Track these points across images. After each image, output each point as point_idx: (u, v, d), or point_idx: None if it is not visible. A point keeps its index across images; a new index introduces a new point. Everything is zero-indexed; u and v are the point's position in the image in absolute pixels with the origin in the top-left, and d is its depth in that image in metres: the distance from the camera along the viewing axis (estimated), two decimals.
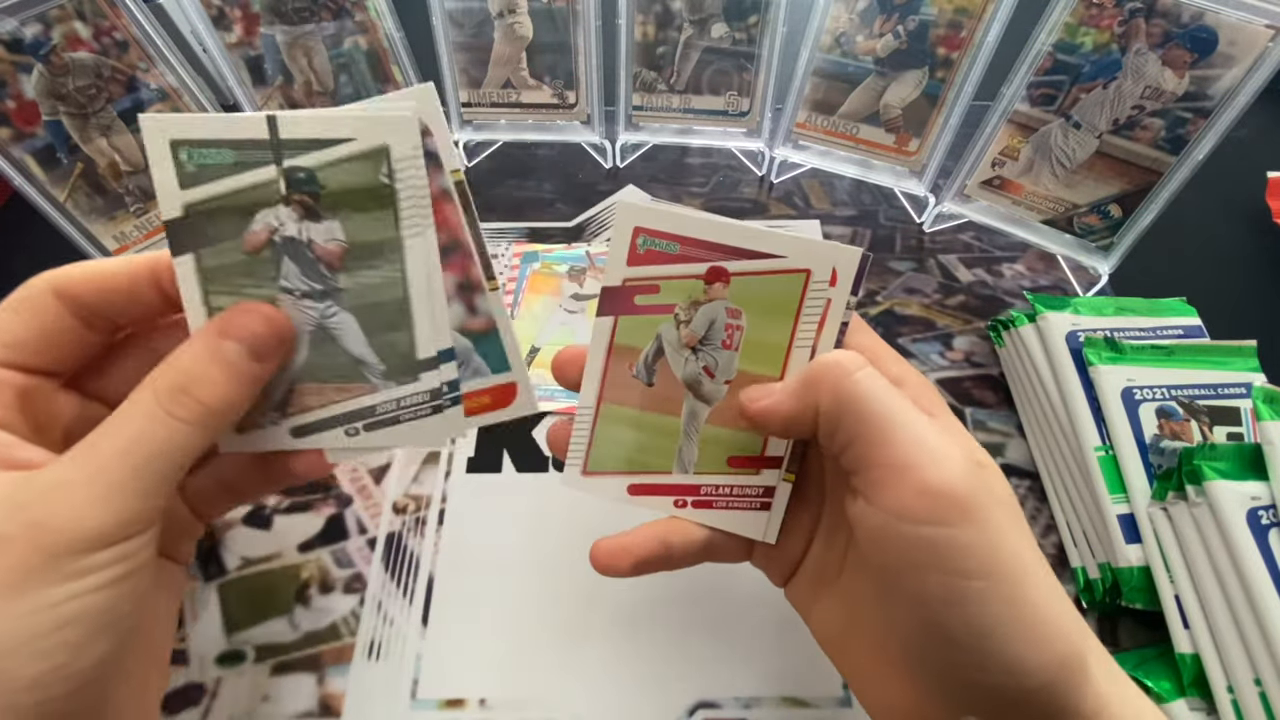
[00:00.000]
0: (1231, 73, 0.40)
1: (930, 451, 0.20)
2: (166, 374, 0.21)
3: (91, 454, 0.20)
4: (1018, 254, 0.52)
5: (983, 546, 0.19)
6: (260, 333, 0.22)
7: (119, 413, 0.20)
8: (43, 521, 0.19)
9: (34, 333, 0.22)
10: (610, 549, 0.26)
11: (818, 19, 0.49)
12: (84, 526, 0.19)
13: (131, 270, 0.23)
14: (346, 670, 0.34)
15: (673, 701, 0.34)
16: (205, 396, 0.21)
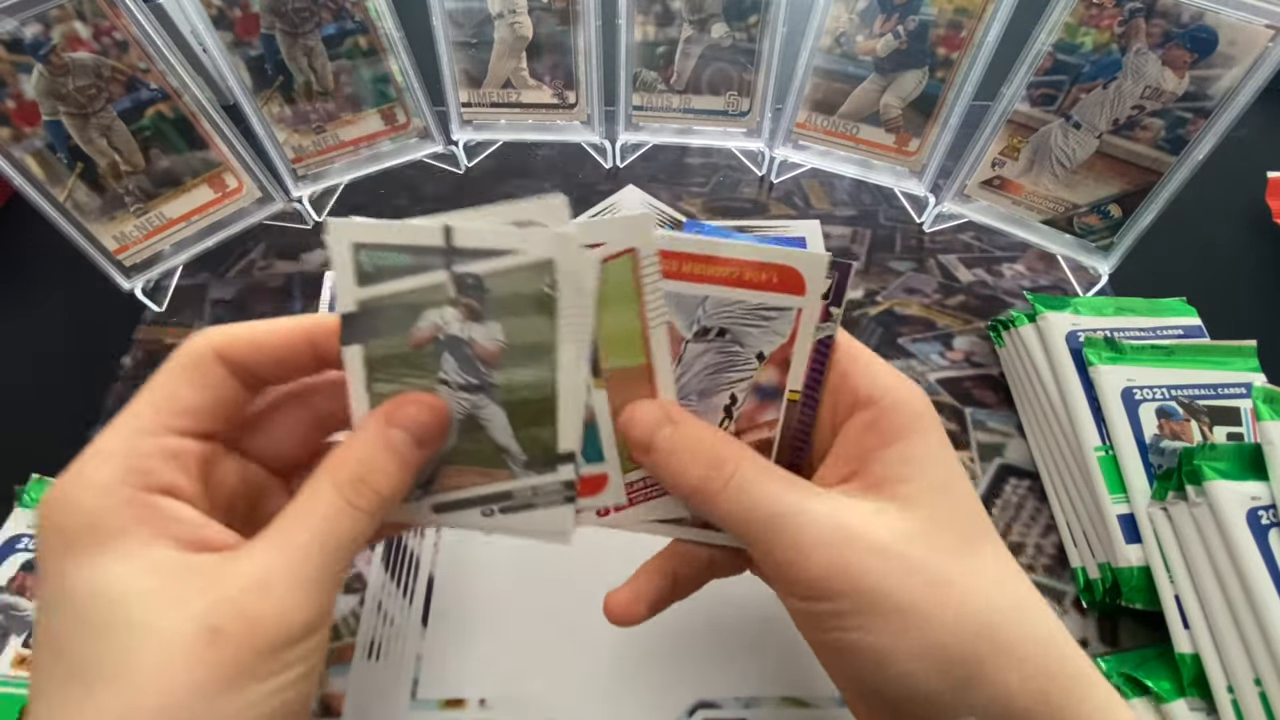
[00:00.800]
0: (1231, 73, 0.40)
1: (790, 551, 0.21)
2: (345, 464, 0.21)
3: (288, 544, 0.20)
4: (1018, 254, 0.52)
5: (860, 610, 0.20)
6: (425, 421, 0.23)
7: (304, 501, 0.21)
8: (254, 616, 0.19)
9: (206, 399, 0.22)
10: (623, 601, 0.26)
11: (818, 19, 0.49)
12: (292, 621, 0.19)
13: (290, 335, 0.23)
14: (346, 670, 0.34)
15: (673, 701, 0.34)
16: (381, 486, 0.21)
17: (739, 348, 0.24)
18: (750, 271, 0.23)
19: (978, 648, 0.20)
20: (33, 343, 0.49)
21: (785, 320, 0.24)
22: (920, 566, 0.21)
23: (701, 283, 0.23)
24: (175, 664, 0.18)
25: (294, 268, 0.52)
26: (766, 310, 0.23)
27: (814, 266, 0.23)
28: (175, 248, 0.49)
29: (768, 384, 0.24)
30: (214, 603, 0.19)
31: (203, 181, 0.48)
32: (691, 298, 0.24)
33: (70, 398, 0.45)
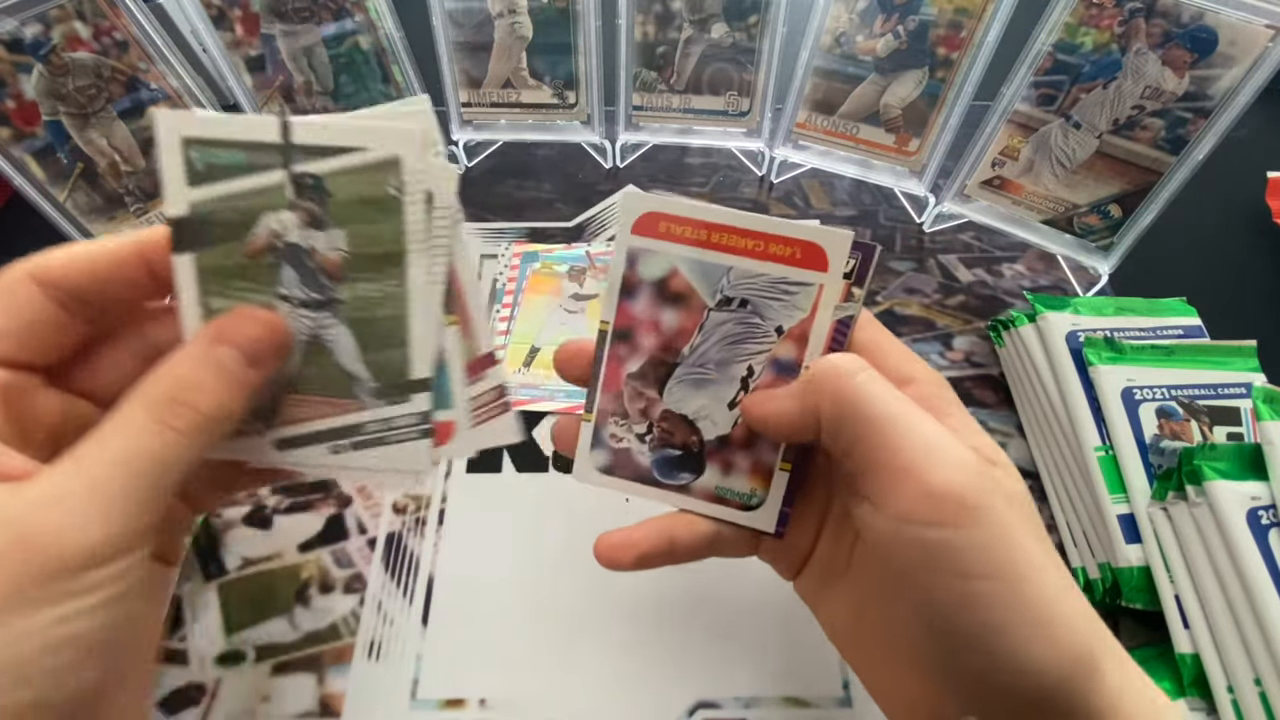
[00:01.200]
0: (1231, 73, 0.40)
1: (932, 453, 0.20)
2: (161, 381, 0.20)
3: (83, 465, 0.19)
4: (1018, 254, 0.52)
5: (990, 547, 0.19)
6: (257, 337, 0.21)
7: (111, 421, 0.19)
8: (32, 538, 0.17)
9: (16, 324, 0.21)
10: (614, 543, 0.25)
11: (818, 19, 0.49)
12: (76, 543, 0.18)
13: (117, 251, 0.21)
14: (346, 670, 0.34)
15: (673, 701, 0.34)
16: (201, 404, 0.20)
17: (759, 320, 0.24)
18: (775, 245, 0.23)
19: (1094, 639, 0.20)
20: None
21: (806, 296, 0.24)
22: (1039, 533, 0.20)
23: (727, 253, 0.24)
24: None
25: None
26: (789, 285, 0.24)
27: (837, 243, 0.23)
28: None
29: (785, 358, 0.25)
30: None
31: None
32: (716, 267, 0.24)
33: None
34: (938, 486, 0.19)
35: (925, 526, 0.20)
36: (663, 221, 0.24)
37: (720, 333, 0.25)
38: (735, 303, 0.24)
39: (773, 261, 0.24)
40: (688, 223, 0.24)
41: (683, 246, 0.24)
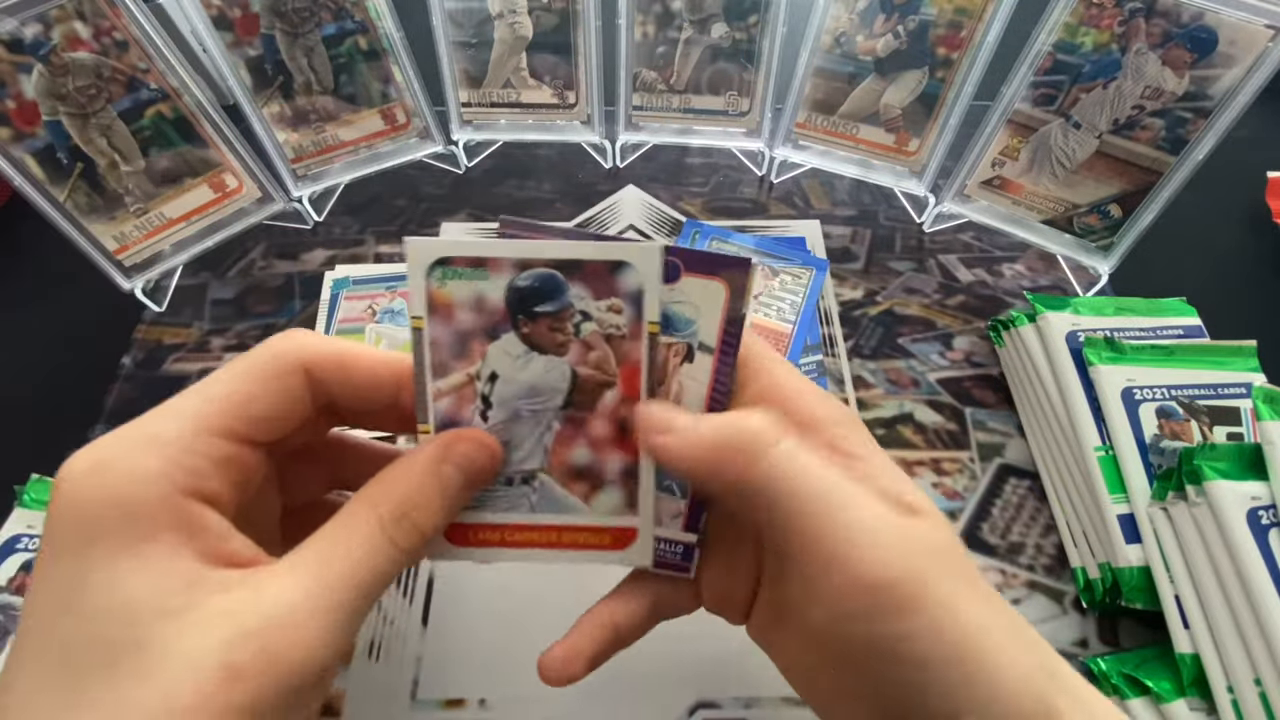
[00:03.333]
0: (1231, 73, 0.40)
1: (861, 537, 0.19)
2: (393, 494, 0.20)
3: (321, 577, 0.18)
4: (1018, 254, 0.52)
5: (938, 631, 0.18)
6: (480, 463, 0.21)
7: (342, 529, 0.19)
8: (278, 656, 0.17)
9: (279, 411, 0.20)
10: (560, 657, 0.24)
11: (818, 19, 0.49)
12: (314, 661, 0.18)
13: (383, 370, 0.22)
14: (346, 670, 0.34)
15: (673, 701, 0.34)
16: (424, 524, 0.20)
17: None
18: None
19: (1046, 685, 0.19)
20: (33, 342, 0.49)
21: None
22: (973, 583, 0.19)
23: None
24: (185, 701, 0.16)
25: (294, 268, 0.52)
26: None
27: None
28: (175, 248, 0.49)
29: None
30: (236, 635, 0.17)
31: (203, 181, 0.48)
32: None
33: (70, 398, 0.45)
34: (871, 577, 0.18)
35: (865, 621, 0.19)
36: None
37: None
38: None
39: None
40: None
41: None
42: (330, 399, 0.22)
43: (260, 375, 0.20)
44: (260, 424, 0.20)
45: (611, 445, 0.23)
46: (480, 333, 0.22)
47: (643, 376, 0.22)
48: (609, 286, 0.22)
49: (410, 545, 0.20)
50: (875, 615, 0.18)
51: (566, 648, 0.24)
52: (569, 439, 0.23)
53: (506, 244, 0.21)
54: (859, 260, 0.52)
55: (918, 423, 0.44)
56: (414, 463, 0.21)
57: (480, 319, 0.22)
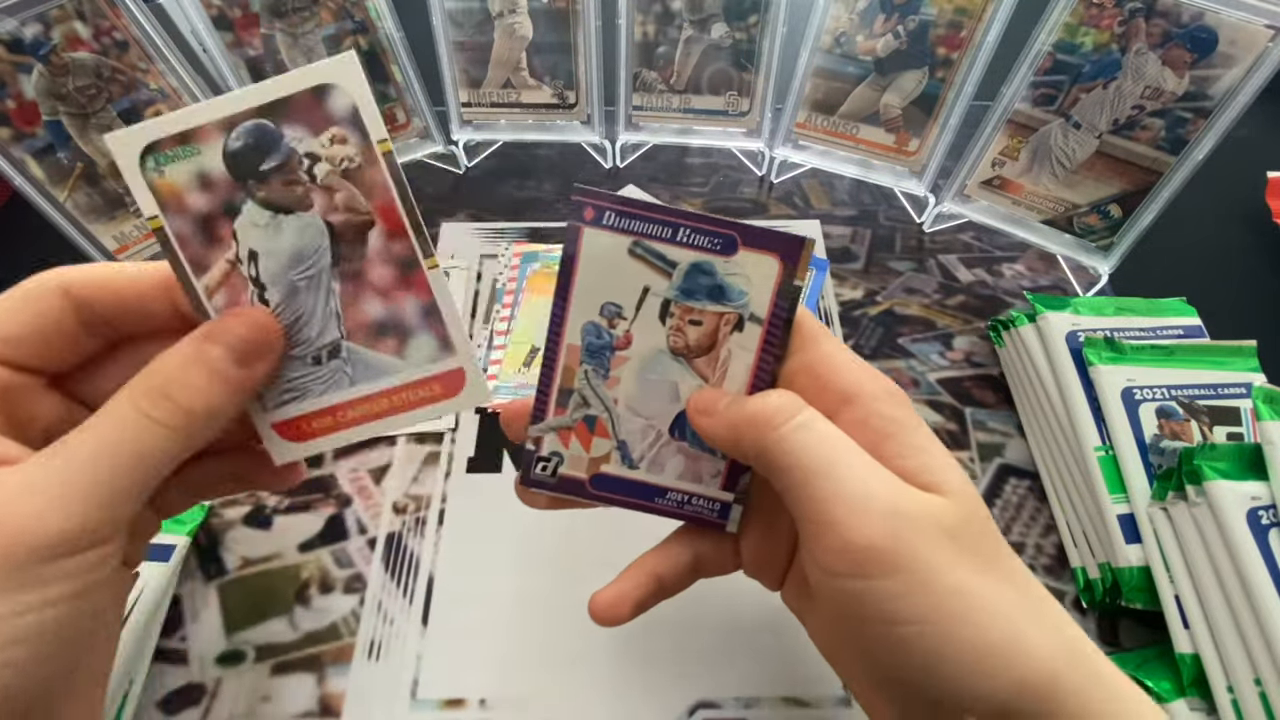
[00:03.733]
0: (1231, 73, 0.40)
1: (852, 505, 0.20)
2: (148, 377, 0.20)
3: (61, 454, 0.19)
4: (1018, 254, 0.52)
5: (911, 594, 0.19)
6: (247, 337, 0.21)
7: (97, 414, 0.19)
8: (3, 522, 0.17)
9: (33, 331, 0.21)
10: (608, 600, 0.25)
11: (818, 19, 0.49)
12: (50, 530, 0.17)
13: (145, 280, 0.22)
14: (346, 670, 0.34)
15: (673, 701, 0.34)
16: (185, 400, 0.20)
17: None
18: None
19: (1060, 662, 0.19)
20: None
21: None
22: (973, 555, 0.20)
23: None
24: None
25: None
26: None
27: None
28: None
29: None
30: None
31: None
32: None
33: None
34: (855, 541, 0.20)
35: (846, 578, 0.20)
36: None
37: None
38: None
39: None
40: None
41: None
42: (103, 319, 0.22)
43: (11, 299, 0.21)
44: (16, 344, 0.21)
45: (399, 288, 0.22)
46: (219, 212, 0.21)
47: (397, 201, 0.22)
48: (322, 116, 0.21)
49: (173, 420, 0.19)
50: (856, 574, 0.20)
51: (614, 592, 0.25)
52: (354, 296, 0.22)
53: (201, 106, 0.20)
54: (859, 260, 0.52)
55: None
56: (178, 345, 0.21)
57: (212, 197, 0.21)
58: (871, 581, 0.20)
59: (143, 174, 0.20)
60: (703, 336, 0.24)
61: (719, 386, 0.24)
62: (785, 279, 0.23)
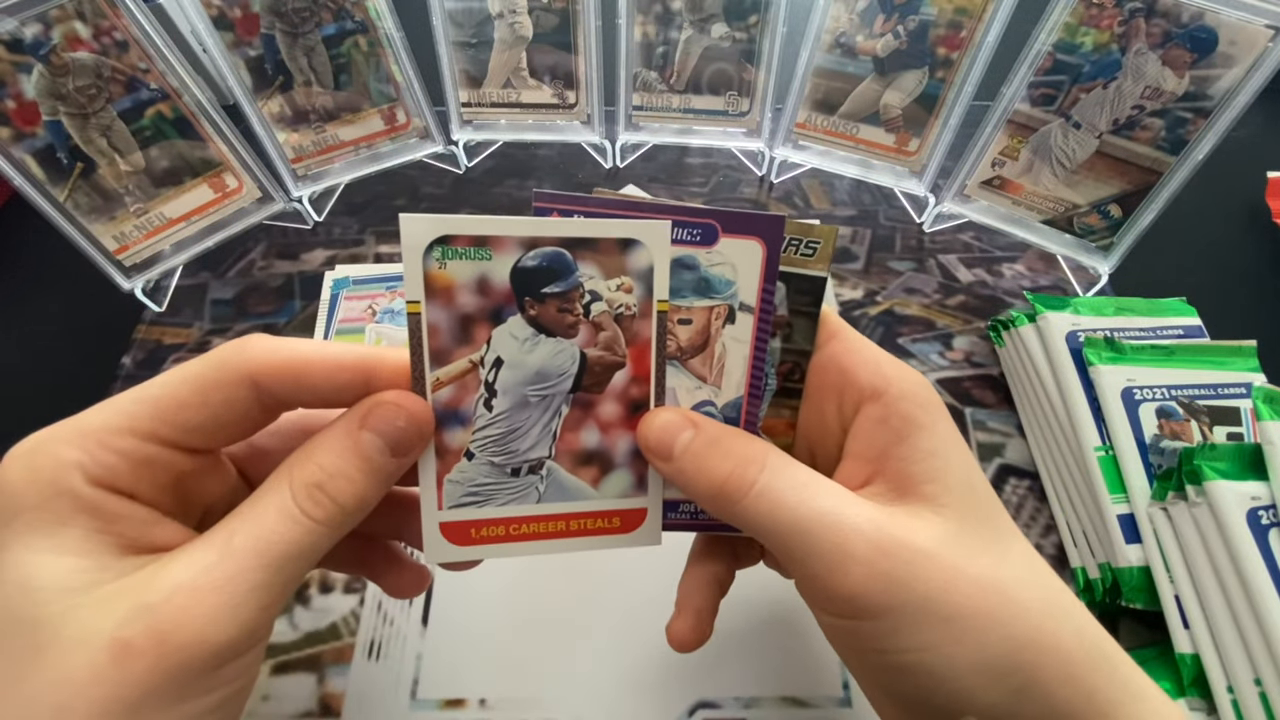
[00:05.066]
0: (1231, 73, 0.40)
1: (828, 562, 0.20)
2: (303, 468, 0.19)
3: (225, 551, 0.18)
4: (1018, 254, 0.52)
5: (906, 626, 0.19)
6: (403, 425, 0.20)
7: (254, 504, 0.19)
8: (169, 633, 0.17)
9: (215, 423, 0.20)
10: (690, 624, 0.25)
11: (818, 19, 0.49)
12: (212, 641, 0.17)
13: (336, 364, 0.21)
14: (346, 670, 0.34)
15: (673, 701, 0.34)
16: (339, 495, 0.19)
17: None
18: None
19: (1032, 654, 0.19)
20: (33, 343, 0.49)
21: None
22: (967, 570, 0.20)
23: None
24: (76, 677, 0.16)
25: (294, 268, 0.52)
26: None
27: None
28: (175, 248, 0.49)
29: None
30: (131, 612, 0.17)
31: (203, 181, 0.48)
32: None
33: (70, 398, 0.45)
34: (840, 592, 0.20)
35: (840, 619, 0.20)
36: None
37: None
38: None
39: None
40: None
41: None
42: (281, 402, 0.21)
43: (199, 384, 0.20)
44: (191, 432, 0.20)
45: (621, 426, 0.23)
46: (484, 316, 0.21)
47: (653, 355, 0.22)
48: (619, 264, 0.21)
49: (327, 517, 0.19)
50: (850, 617, 0.20)
51: (688, 615, 0.25)
52: (577, 422, 0.22)
53: (511, 221, 0.20)
54: (859, 260, 0.52)
55: None
56: (333, 430, 0.20)
57: (483, 301, 0.21)
58: (865, 622, 0.20)
59: (424, 260, 0.20)
60: (695, 335, 0.23)
61: (716, 384, 0.24)
62: (770, 262, 0.22)
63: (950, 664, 0.19)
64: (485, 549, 0.23)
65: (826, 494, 0.21)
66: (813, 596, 0.21)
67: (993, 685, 0.19)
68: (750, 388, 0.24)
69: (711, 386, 0.24)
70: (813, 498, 0.20)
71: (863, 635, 0.20)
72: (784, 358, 0.24)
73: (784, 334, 0.24)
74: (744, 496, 0.20)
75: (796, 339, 0.24)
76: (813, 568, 0.20)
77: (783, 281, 0.23)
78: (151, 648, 0.17)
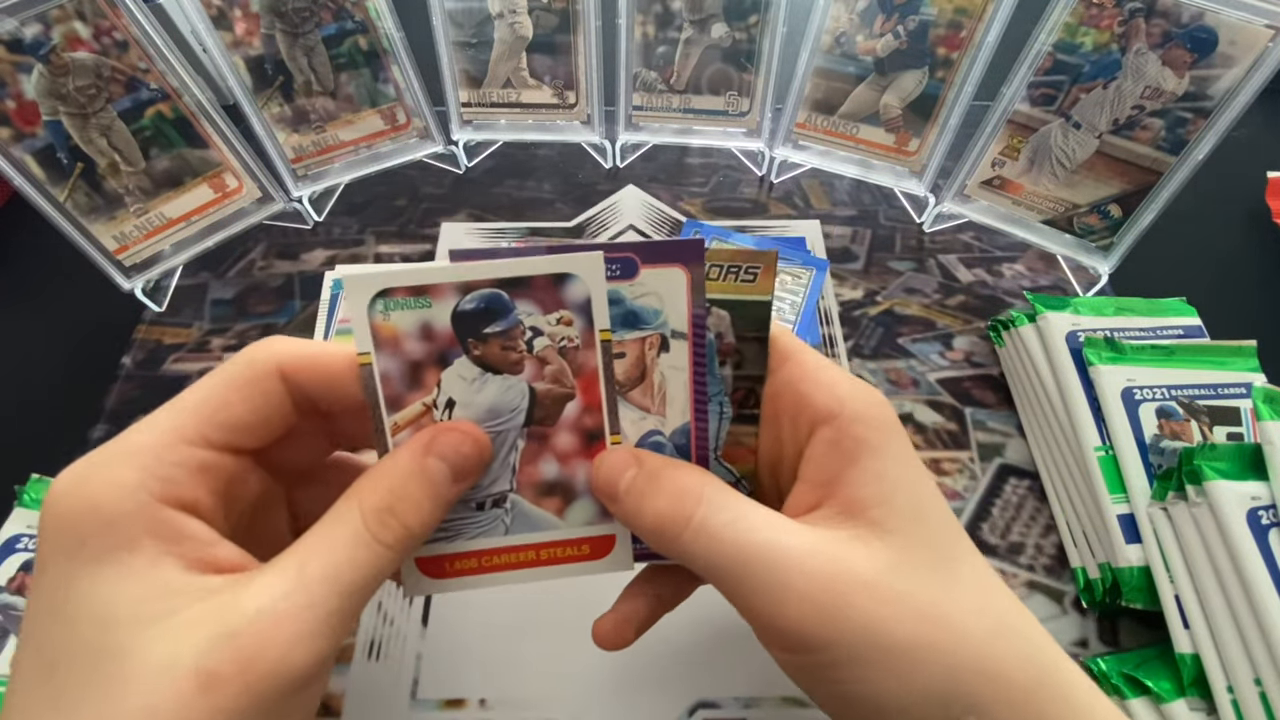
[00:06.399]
0: (1231, 73, 0.40)
1: (768, 598, 0.20)
2: (375, 491, 0.20)
3: (302, 578, 0.18)
4: (1018, 254, 0.52)
5: (850, 660, 0.19)
6: (466, 453, 0.21)
7: (326, 529, 0.19)
8: (254, 660, 0.17)
9: (256, 415, 0.20)
10: (611, 626, 0.25)
11: (818, 19, 0.49)
12: (295, 667, 0.17)
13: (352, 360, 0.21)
14: (346, 670, 0.34)
15: (673, 701, 0.34)
16: (410, 519, 0.20)
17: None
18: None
19: (974, 681, 0.19)
20: (33, 343, 0.49)
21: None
22: (907, 599, 0.19)
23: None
24: (163, 708, 0.16)
25: (294, 268, 0.52)
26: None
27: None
28: (175, 248, 0.49)
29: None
30: (213, 640, 0.17)
31: (203, 181, 0.48)
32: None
33: (70, 398, 0.45)
34: (783, 628, 0.20)
35: (786, 653, 0.21)
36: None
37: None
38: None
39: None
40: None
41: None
42: (309, 398, 0.22)
43: (234, 382, 0.20)
44: (237, 431, 0.20)
45: (578, 455, 0.23)
46: (431, 360, 0.21)
47: (601, 384, 0.23)
48: (556, 299, 0.22)
49: (396, 541, 0.19)
50: (795, 651, 0.20)
51: (616, 617, 0.26)
52: (535, 455, 0.23)
53: (446, 268, 0.21)
54: (859, 260, 0.52)
55: (918, 423, 0.44)
56: (398, 456, 0.20)
57: (429, 347, 0.21)
58: (808, 656, 0.20)
59: (368, 313, 0.21)
60: (630, 368, 0.23)
61: (660, 413, 0.24)
62: (695, 286, 0.22)
63: (892, 694, 0.19)
64: (460, 581, 0.24)
65: (764, 526, 0.20)
66: (757, 631, 0.21)
67: (934, 714, 0.19)
68: (695, 413, 0.24)
69: (656, 416, 0.24)
70: (749, 530, 0.20)
71: (807, 668, 0.20)
72: (737, 384, 0.24)
73: (734, 361, 0.24)
74: (681, 532, 0.20)
75: (747, 366, 0.24)
76: (752, 603, 0.20)
77: (726, 310, 0.23)
78: (236, 675, 0.17)
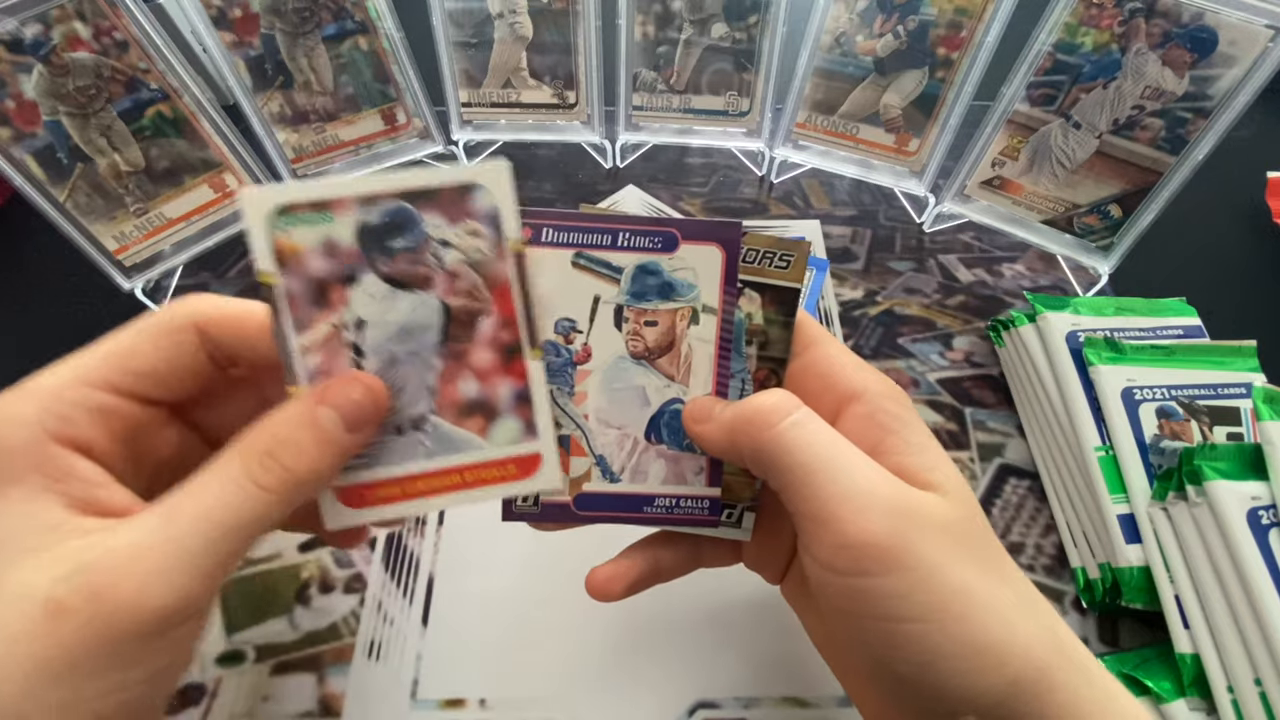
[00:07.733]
0: (1231, 73, 0.40)
1: (851, 502, 0.20)
2: (258, 437, 0.20)
3: (172, 516, 0.18)
4: (1018, 254, 0.52)
5: (912, 592, 0.19)
6: (359, 402, 0.20)
7: (205, 471, 0.19)
8: (103, 592, 0.16)
9: (167, 365, 0.21)
10: (604, 576, 0.26)
11: (818, 19, 0.49)
12: (147, 605, 0.17)
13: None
14: (346, 670, 0.34)
15: (673, 701, 0.34)
16: (292, 464, 0.19)
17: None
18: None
19: (1026, 649, 0.19)
20: (33, 343, 0.49)
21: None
22: (972, 555, 0.20)
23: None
24: (8, 633, 0.16)
25: None
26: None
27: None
28: (175, 248, 0.49)
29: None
30: (67, 573, 0.17)
31: (203, 181, 0.48)
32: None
33: None
34: (854, 537, 0.19)
35: (847, 576, 0.20)
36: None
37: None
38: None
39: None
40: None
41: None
42: (228, 354, 0.22)
43: (146, 332, 0.21)
44: (144, 378, 0.21)
45: (498, 372, 0.23)
46: (337, 278, 0.21)
47: (515, 295, 0.22)
48: (464, 210, 0.21)
49: (277, 483, 0.19)
50: (857, 571, 0.20)
51: (611, 569, 0.26)
52: (453, 374, 0.22)
53: (347, 181, 0.21)
54: (859, 260, 0.52)
55: None
56: (288, 406, 0.20)
57: (334, 264, 0.21)
58: (871, 579, 0.19)
59: (268, 230, 0.20)
60: (661, 336, 0.24)
61: (684, 383, 0.24)
62: (730, 265, 0.24)
63: (950, 640, 0.19)
64: (382, 510, 0.23)
65: (854, 447, 0.21)
66: (821, 543, 0.20)
67: (989, 671, 0.19)
68: (717, 385, 0.25)
69: (679, 385, 0.25)
70: (845, 444, 0.21)
71: (863, 597, 0.20)
72: (760, 364, 0.25)
73: (760, 341, 0.25)
74: (780, 421, 0.21)
75: (772, 348, 0.25)
76: (833, 508, 0.20)
77: (758, 291, 0.24)
78: (84, 605, 0.16)
